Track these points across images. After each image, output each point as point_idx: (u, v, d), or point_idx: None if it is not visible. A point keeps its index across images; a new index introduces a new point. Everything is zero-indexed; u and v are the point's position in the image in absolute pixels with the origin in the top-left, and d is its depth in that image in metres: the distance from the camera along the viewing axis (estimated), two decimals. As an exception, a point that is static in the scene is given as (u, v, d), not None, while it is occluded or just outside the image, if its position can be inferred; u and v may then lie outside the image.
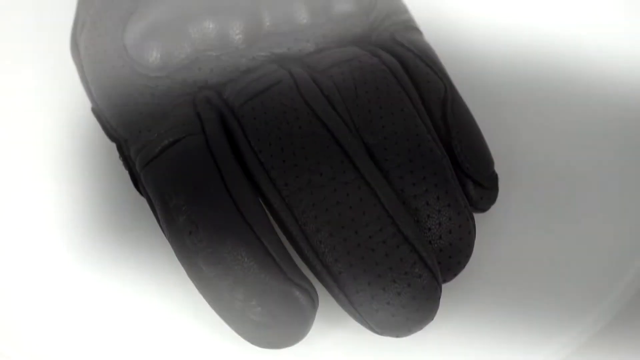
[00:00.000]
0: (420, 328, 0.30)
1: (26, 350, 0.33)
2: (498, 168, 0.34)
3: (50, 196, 0.36)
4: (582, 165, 0.37)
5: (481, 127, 0.35)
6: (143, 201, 0.35)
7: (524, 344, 0.33)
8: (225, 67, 0.35)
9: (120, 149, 0.34)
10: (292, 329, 0.30)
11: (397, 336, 0.30)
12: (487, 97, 0.39)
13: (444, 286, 0.32)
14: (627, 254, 0.35)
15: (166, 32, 0.35)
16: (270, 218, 0.31)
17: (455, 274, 0.32)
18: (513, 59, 0.41)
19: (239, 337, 0.31)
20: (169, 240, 0.31)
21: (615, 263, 0.35)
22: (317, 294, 0.30)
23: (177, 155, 0.32)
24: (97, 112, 0.35)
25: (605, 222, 0.35)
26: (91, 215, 0.35)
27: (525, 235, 0.35)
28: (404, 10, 0.38)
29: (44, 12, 0.42)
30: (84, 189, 0.36)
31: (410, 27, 0.37)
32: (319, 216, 0.30)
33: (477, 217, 0.34)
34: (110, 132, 0.34)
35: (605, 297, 0.34)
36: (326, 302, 0.31)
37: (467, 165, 0.33)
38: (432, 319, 0.30)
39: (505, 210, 0.35)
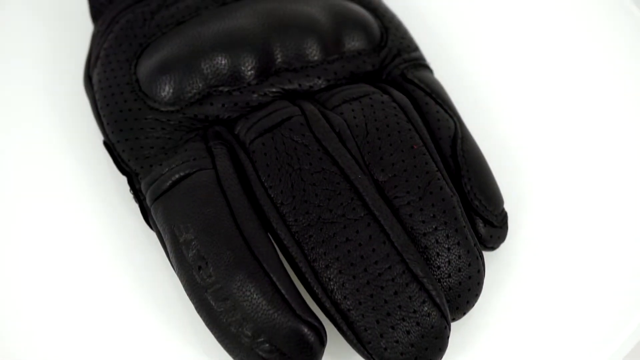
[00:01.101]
0: (429, 367, 0.30)
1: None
2: (507, 206, 0.34)
3: (60, 228, 0.36)
4: (592, 205, 0.37)
5: (490, 164, 0.35)
6: (153, 235, 0.35)
7: (533, 384, 0.33)
8: (236, 102, 0.35)
9: (131, 182, 0.34)
10: (300, 366, 0.30)
11: (406, 375, 0.30)
12: (496, 135, 0.39)
13: (453, 324, 0.32)
14: (637, 294, 0.35)
15: (179, 67, 0.35)
16: (280, 254, 0.31)
17: (464, 313, 0.32)
18: (522, 97, 0.41)
19: (247, 373, 0.30)
20: (178, 274, 0.31)
21: (625, 304, 0.34)
22: (325, 331, 0.30)
23: (187, 189, 0.32)
24: (109, 145, 0.35)
25: (615, 262, 0.35)
26: (100, 248, 0.35)
27: (535, 274, 0.35)
28: (415, 48, 0.38)
29: (58, 46, 0.42)
30: (93, 222, 0.36)
31: (421, 64, 0.37)
32: (328, 253, 0.30)
33: (486, 255, 0.34)
34: (122, 165, 0.35)
35: (616, 338, 0.34)
36: (334, 340, 0.31)
37: (476, 203, 0.33)
38: (441, 358, 0.30)
39: (514, 248, 0.35)
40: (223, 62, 0.35)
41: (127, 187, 0.36)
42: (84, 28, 0.42)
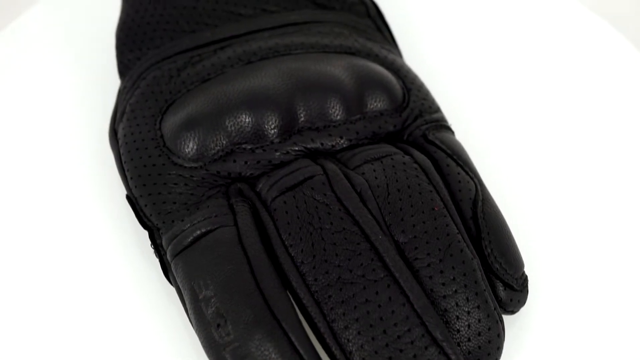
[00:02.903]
0: None
1: None
2: (527, 270, 0.34)
3: (80, 281, 0.36)
4: (613, 269, 0.37)
5: (510, 227, 0.35)
6: (172, 290, 0.35)
7: None
8: (259, 160, 0.35)
9: (152, 237, 0.34)
10: None
11: None
12: (516, 197, 0.39)
13: (472, 389, 0.31)
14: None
15: (203, 124, 0.36)
16: (299, 313, 0.31)
17: (483, 377, 0.31)
18: (542, 160, 0.41)
19: None
20: (196, 331, 0.31)
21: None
22: (342, 393, 0.30)
23: (208, 246, 0.32)
24: (132, 200, 0.36)
25: (636, 327, 0.35)
26: (119, 301, 0.35)
27: (554, 339, 0.34)
28: (436, 109, 0.38)
29: (84, 100, 0.43)
30: (113, 275, 0.36)
31: (442, 126, 0.38)
32: (347, 313, 0.30)
33: (506, 319, 0.34)
34: (144, 219, 0.35)
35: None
36: (351, 401, 0.31)
37: (497, 266, 0.33)
38: None
39: (534, 312, 0.35)
40: (247, 120, 0.36)
41: (148, 242, 0.36)
42: (110, 83, 0.43)
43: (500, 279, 0.33)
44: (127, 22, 0.42)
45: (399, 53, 0.43)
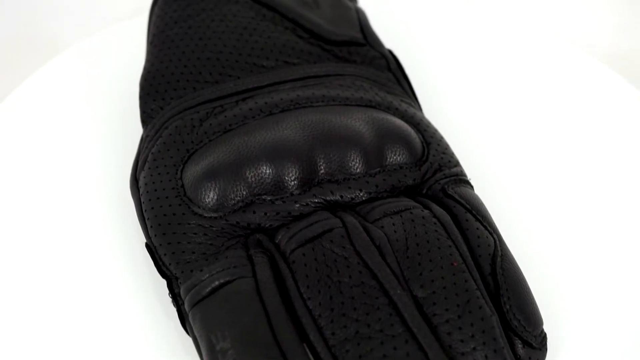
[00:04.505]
0: None
1: None
2: (546, 327, 0.34)
3: (97, 329, 0.36)
4: (635, 326, 0.36)
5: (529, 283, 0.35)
6: (189, 340, 0.35)
7: None
8: (278, 211, 0.36)
9: (170, 286, 0.34)
10: None
11: None
12: (534, 253, 0.39)
13: None
14: None
15: (224, 174, 0.36)
16: (316, 367, 0.31)
17: None
18: (560, 214, 0.41)
19: None
20: (212, 383, 0.31)
21: None
22: None
23: (226, 297, 0.32)
24: (151, 248, 0.36)
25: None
26: (136, 351, 0.35)
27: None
28: (455, 164, 0.39)
29: (107, 148, 0.44)
30: (130, 324, 0.36)
31: (461, 180, 0.38)
32: (365, 368, 0.30)
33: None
34: (162, 268, 0.35)
35: None
36: None
37: (515, 323, 0.32)
38: None
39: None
40: (267, 171, 0.36)
41: (166, 291, 0.36)
42: (133, 131, 0.43)
43: (519, 336, 0.32)
44: (151, 72, 0.42)
45: (418, 107, 0.43)
